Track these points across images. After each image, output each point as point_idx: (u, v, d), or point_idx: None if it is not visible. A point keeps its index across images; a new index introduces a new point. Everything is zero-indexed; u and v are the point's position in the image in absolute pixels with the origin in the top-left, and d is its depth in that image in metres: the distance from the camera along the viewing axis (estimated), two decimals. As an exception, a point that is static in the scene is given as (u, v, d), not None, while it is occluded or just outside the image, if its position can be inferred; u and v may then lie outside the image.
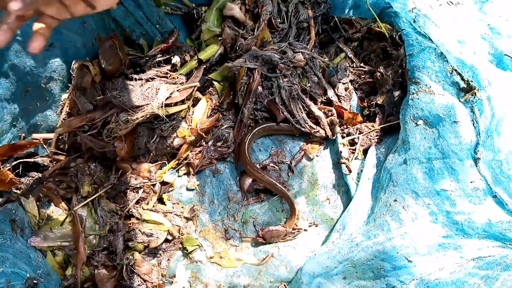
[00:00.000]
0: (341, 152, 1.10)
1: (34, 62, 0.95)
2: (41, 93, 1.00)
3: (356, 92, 1.17)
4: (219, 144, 1.10)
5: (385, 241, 0.93)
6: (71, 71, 0.96)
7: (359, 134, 1.12)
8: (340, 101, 1.11)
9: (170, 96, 0.95)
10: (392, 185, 0.98)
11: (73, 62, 0.96)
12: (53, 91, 1.01)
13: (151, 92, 0.94)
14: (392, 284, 0.92)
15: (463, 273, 0.89)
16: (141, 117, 0.91)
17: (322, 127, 1.11)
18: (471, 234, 0.91)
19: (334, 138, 1.12)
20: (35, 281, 0.88)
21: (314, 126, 1.10)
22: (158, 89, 0.94)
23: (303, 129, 1.10)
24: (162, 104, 0.93)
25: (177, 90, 0.97)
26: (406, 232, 0.93)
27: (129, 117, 0.91)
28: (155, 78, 0.97)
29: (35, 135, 1.03)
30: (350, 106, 1.15)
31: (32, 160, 1.05)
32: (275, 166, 1.12)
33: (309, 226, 1.07)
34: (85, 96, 0.95)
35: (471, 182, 0.91)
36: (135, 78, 0.96)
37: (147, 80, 0.96)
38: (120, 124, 0.90)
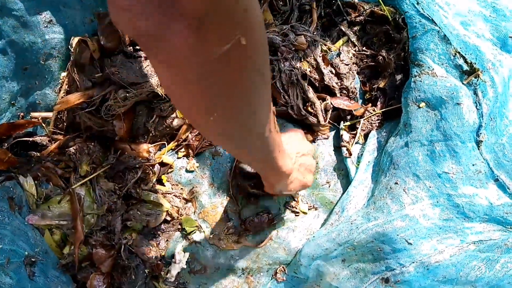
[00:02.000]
0: (342, 135, 1.10)
1: (33, 38, 0.94)
2: (40, 71, 0.99)
3: (358, 76, 1.16)
4: (219, 125, 1.09)
5: (385, 223, 0.93)
6: (69, 46, 0.95)
7: (360, 118, 1.11)
8: (341, 79, 1.10)
9: (170, 73, 0.94)
10: (393, 168, 0.98)
11: (71, 38, 0.95)
12: (52, 68, 1.00)
13: (150, 70, 0.93)
14: (392, 266, 0.91)
15: (463, 256, 0.89)
16: (140, 94, 0.90)
17: (315, 112, 1.10)
18: (472, 218, 0.90)
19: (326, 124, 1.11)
20: (33, 259, 0.88)
21: (307, 113, 1.09)
22: None
23: (295, 116, 1.08)
24: None
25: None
26: (406, 214, 0.92)
27: (127, 94, 0.90)
28: (154, 56, 0.95)
29: (34, 114, 1.02)
30: (352, 86, 1.14)
31: (30, 139, 1.04)
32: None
33: (309, 209, 1.07)
34: (83, 73, 0.94)
35: (473, 165, 0.90)
36: (135, 56, 0.95)
37: (146, 58, 0.95)
38: (119, 101, 0.89)
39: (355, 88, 1.13)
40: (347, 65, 1.11)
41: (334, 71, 1.12)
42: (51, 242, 0.94)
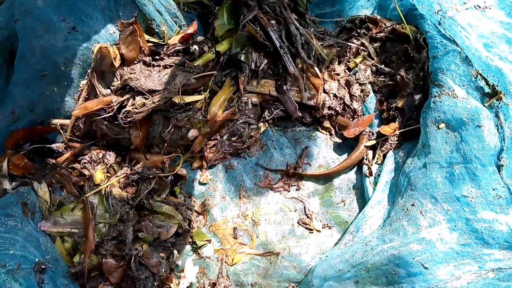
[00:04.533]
0: (367, 154, 1.09)
1: (55, 43, 0.95)
2: (59, 77, 1.00)
3: (375, 95, 1.15)
4: (233, 138, 1.09)
5: (401, 246, 0.90)
6: (91, 53, 0.96)
7: (380, 138, 1.10)
8: (351, 101, 1.10)
9: (187, 83, 0.94)
10: (410, 190, 0.96)
11: (93, 46, 0.96)
12: (72, 75, 1.01)
13: (168, 78, 0.93)
14: None
15: (482, 284, 0.86)
16: (158, 101, 0.90)
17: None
18: (492, 244, 0.87)
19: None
20: (43, 266, 0.87)
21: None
22: (176, 75, 0.93)
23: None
24: (179, 90, 0.93)
25: (194, 78, 0.95)
26: (423, 238, 0.90)
27: (145, 101, 0.90)
28: (173, 66, 0.96)
29: (52, 121, 1.02)
30: (363, 107, 1.13)
31: (47, 146, 1.05)
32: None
33: (323, 227, 1.05)
34: (103, 80, 0.95)
35: (493, 189, 0.88)
36: (153, 65, 0.95)
37: (164, 67, 0.96)
38: (137, 107, 0.89)
39: (361, 109, 1.13)
40: (362, 85, 1.11)
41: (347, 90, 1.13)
42: (62, 250, 0.93)
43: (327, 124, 1.15)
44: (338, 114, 1.13)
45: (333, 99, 1.12)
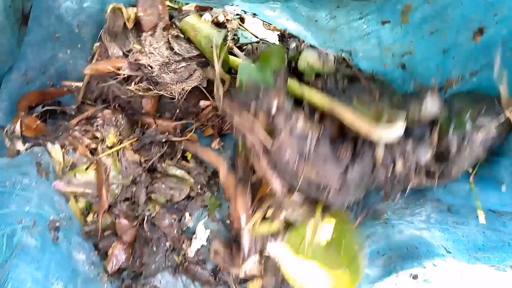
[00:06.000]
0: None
1: (70, 4, 0.94)
2: (73, 40, 1.00)
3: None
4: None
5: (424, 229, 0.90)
6: (104, 13, 0.95)
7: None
8: None
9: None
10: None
11: (107, 6, 0.95)
12: (85, 37, 1.00)
13: (184, 72, 0.92)
14: (424, 265, 0.89)
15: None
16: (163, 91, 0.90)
17: None
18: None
19: None
20: (57, 224, 0.89)
21: None
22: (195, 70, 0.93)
23: None
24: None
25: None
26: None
27: (151, 88, 0.90)
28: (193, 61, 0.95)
29: (65, 82, 1.02)
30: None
31: (59, 108, 1.05)
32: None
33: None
34: (115, 42, 0.94)
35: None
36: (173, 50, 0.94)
37: (184, 59, 0.94)
38: (140, 90, 0.89)
39: None
40: None
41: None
42: (75, 209, 0.94)
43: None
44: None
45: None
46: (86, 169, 0.94)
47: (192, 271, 0.98)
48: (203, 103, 1.06)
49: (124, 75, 0.94)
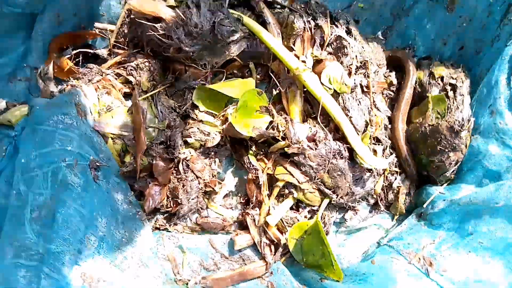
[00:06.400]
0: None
1: None
2: (106, -19, 0.99)
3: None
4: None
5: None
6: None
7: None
8: None
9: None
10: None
11: None
12: (120, -21, 0.99)
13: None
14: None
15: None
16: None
17: None
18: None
19: None
20: (97, 164, 0.92)
21: None
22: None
23: None
24: None
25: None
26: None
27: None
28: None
29: (97, 24, 1.02)
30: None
31: (92, 51, 1.05)
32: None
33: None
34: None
35: None
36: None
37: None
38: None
39: None
40: None
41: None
42: (113, 150, 0.97)
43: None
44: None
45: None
46: (128, 111, 0.96)
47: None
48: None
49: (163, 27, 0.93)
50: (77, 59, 1.06)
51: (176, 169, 0.98)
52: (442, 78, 1.02)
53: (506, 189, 0.77)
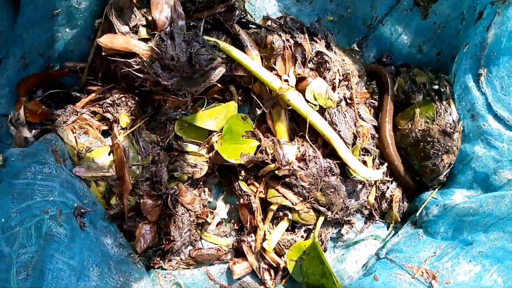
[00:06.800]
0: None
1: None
2: (72, 17, 0.94)
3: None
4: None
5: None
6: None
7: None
8: None
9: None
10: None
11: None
12: (85, 14, 0.94)
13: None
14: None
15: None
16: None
17: None
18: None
19: None
20: (82, 210, 0.88)
21: None
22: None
23: None
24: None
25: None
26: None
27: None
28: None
29: (67, 63, 0.98)
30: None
31: (63, 91, 1.01)
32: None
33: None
34: (121, 17, 0.90)
35: None
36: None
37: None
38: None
39: None
40: None
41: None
42: (97, 193, 0.93)
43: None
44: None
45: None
46: (109, 153, 0.92)
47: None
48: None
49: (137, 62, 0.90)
50: (48, 101, 1.01)
51: (165, 205, 0.95)
52: (424, 84, 1.02)
53: (507, 202, 0.78)
